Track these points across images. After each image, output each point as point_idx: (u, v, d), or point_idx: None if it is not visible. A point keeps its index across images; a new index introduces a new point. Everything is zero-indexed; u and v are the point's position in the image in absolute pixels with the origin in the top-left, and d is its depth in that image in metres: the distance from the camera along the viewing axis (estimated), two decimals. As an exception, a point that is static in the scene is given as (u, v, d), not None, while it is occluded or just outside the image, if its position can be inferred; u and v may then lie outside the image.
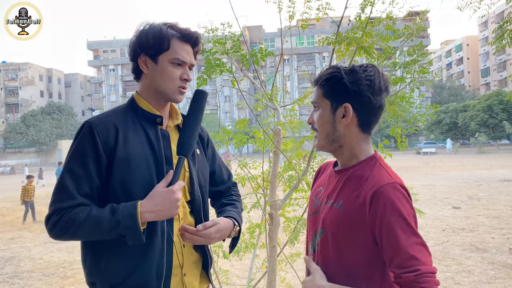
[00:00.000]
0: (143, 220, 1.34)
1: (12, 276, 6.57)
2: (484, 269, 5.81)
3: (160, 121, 1.53)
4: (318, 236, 1.33)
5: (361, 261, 1.22)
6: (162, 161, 1.47)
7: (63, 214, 1.34)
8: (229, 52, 2.51)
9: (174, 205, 1.36)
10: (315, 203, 1.42)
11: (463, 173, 20.70)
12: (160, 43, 1.46)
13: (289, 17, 2.82)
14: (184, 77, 1.51)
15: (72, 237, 1.38)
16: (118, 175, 1.40)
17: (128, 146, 1.43)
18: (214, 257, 3.39)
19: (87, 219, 1.32)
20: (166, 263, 1.44)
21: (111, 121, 1.45)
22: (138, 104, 1.54)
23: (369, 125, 1.30)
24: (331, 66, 1.35)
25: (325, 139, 1.32)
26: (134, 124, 1.49)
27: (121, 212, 1.32)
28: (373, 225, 1.18)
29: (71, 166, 1.39)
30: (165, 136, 1.53)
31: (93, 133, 1.40)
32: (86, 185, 1.38)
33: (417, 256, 1.12)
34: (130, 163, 1.41)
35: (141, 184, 1.41)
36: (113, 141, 1.41)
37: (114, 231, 1.33)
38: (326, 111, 1.30)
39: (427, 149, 45.21)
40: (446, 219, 9.53)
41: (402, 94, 3.00)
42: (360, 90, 1.24)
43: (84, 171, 1.38)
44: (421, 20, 3.00)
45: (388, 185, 1.18)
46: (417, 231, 1.16)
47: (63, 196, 1.36)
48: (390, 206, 1.15)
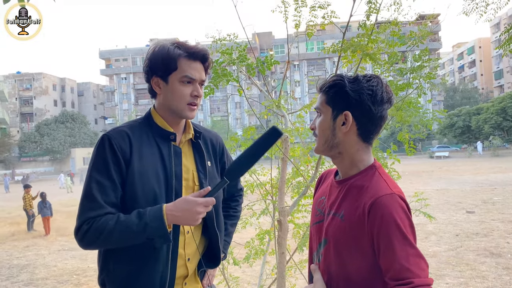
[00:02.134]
0: (168, 222, 1.39)
1: (27, 284, 6.67)
2: (498, 275, 5.73)
3: (173, 138, 1.59)
4: (322, 246, 1.35)
5: (363, 271, 1.23)
6: (172, 177, 1.53)
7: (93, 223, 1.40)
8: (235, 62, 2.55)
9: (195, 217, 1.40)
10: (318, 212, 1.44)
11: (477, 177, 20.42)
12: (168, 64, 1.53)
13: (295, 26, 2.85)
14: (194, 94, 1.57)
15: (102, 244, 1.45)
16: (129, 186, 1.47)
17: (142, 160, 1.50)
18: (224, 263, 3.41)
19: (116, 225, 1.39)
20: (169, 274, 1.50)
21: (127, 134, 1.52)
22: (154, 120, 1.61)
23: (369, 134, 1.31)
24: (335, 74, 1.37)
25: (324, 144, 1.34)
26: (149, 139, 1.56)
27: (148, 215, 1.39)
28: (371, 235, 1.19)
29: (96, 177, 1.45)
30: (177, 152, 1.59)
31: (112, 145, 1.47)
32: (112, 194, 1.45)
33: (412, 268, 1.12)
34: (142, 176, 1.48)
35: (149, 197, 1.47)
36: (128, 154, 1.49)
37: (143, 234, 1.39)
38: (327, 117, 1.32)
39: (440, 153, 44.69)
40: (459, 223, 9.42)
41: (410, 100, 3.01)
42: (361, 99, 1.26)
43: (109, 181, 1.45)
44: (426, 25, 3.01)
45: (386, 196, 1.19)
46: (414, 243, 1.16)
47: (91, 206, 1.43)
48: (387, 217, 1.16)
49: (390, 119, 3.04)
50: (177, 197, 1.51)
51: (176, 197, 1.51)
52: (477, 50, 77.75)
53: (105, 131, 1.57)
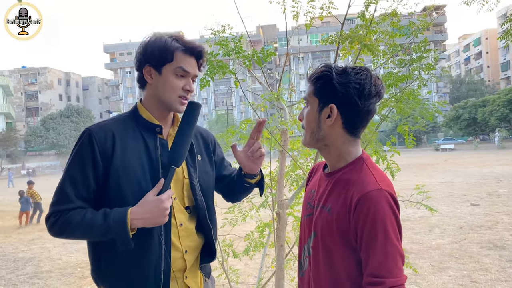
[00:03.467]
0: (132, 226, 1.39)
1: (32, 276, 6.74)
2: (502, 267, 5.70)
3: (159, 131, 1.58)
4: (312, 239, 1.34)
5: (349, 264, 1.23)
6: (158, 170, 1.52)
7: (60, 216, 1.43)
8: (231, 53, 2.54)
9: (163, 214, 1.41)
10: (308, 205, 1.43)
11: (483, 169, 20.30)
12: (164, 55, 1.52)
13: (293, 17, 2.83)
14: (186, 88, 1.56)
15: (68, 237, 1.48)
16: (114, 181, 1.46)
17: (126, 154, 1.49)
18: (224, 256, 3.42)
19: (81, 223, 1.40)
20: (163, 267, 1.49)
21: (110, 128, 1.52)
22: (140, 113, 1.60)
23: (355, 128, 1.29)
24: (324, 64, 1.34)
25: (310, 137, 1.33)
26: (134, 133, 1.55)
27: (112, 218, 1.39)
28: (355, 230, 1.18)
29: (70, 171, 1.47)
30: (164, 145, 1.58)
31: (92, 140, 1.47)
32: (84, 189, 1.45)
33: (389, 266, 1.13)
34: (127, 170, 1.47)
35: (136, 191, 1.47)
36: (110, 149, 1.48)
37: (106, 235, 1.41)
38: (314, 109, 1.31)
39: (446, 146, 44.49)
40: (464, 216, 9.37)
41: (410, 91, 2.98)
42: (347, 92, 1.24)
43: (81, 176, 1.45)
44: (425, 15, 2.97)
45: (373, 191, 1.18)
46: (395, 240, 1.16)
47: (61, 199, 1.45)
48: (373, 214, 1.15)
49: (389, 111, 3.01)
50: (164, 189, 1.50)
51: (164, 190, 1.50)
52: (484, 42, 76.96)
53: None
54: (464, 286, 5.09)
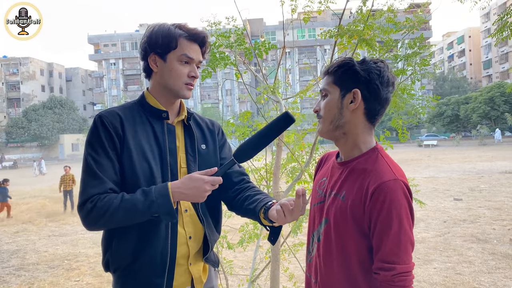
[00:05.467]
0: (174, 199, 1.41)
1: (18, 269, 6.66)
2: (484, 260, 5.88)
3: (166, 116, 1.60)
4: (323, 225, 1.38)
5: (362, 251, 1.28)
6: (166, 154, 1.55)
7: (98, 200, 1.40)
8: (233, 45, 2.55)
9: (201, 194, 1.41)
10: (319, 193, 1.46)
11: (465, 165, 20.73)
12: (168, 42, 1.53)
13: (292, 11, 2.85)
14: (191, 74, 1.58)
15: (106, 223, 1.43)
16: (127, 163, 1.48)
17: (135, 138, 1.52)
18: (219, 247, 3.45)
19: (121, 203, 1.39)
20: (170, 251, 1.51)
21: (118, 115, 1.54)
22: (147, 101, 1.62)
23: (375, 115, 1.35)
24: (342, 57, 1.40)
25: (329, 125, 1.36)
26: (142, 119, 1.57)
27: (154, 193, 1.40)
28: (369, 217, 1.23)
29: (93, 155, 1.46)
30: (171, 130, 1.60)
31: (105, 123, 1.49)
32: (111, 170, 1.46)
33: (400, 253, 1.19)
34: (138, 153, 1.50)
35: (147, 174, 1.49)
36: (120, 131, 1.50)
37: (149, 211, 1.39)
38: (335, 97, 1.34)
39: (429, 142, 45.20)
40: (447, 210, 9.59)
41: (403, 86, 3.04)
42: (370, 77, 1.30)
43: (106, 158, 1.46)
44: (422, 12, 3.03)
45: (390, 181, 1.23)
46: (408, 229, 1.22)
47: (94, 183, 1.42)
48: (389, 203, 1.20)
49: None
50: (171, 173, 1.54)
51: (171, 173, 1.54)
52: (467, 40, 78.17)
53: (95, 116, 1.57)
54: (449, 278, 5.23)
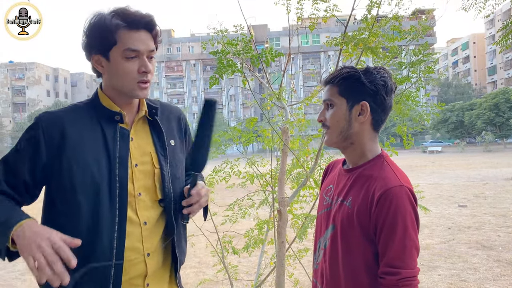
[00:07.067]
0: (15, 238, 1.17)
1: (24, 273, 6.69)
2: (490, 267, 5.85)
3: (119, 119, 1.40)
4: (329, 232, 1.40)
5: (368, 256, 1.30)
6: (115, 163, 1.34)
7: None
8: (240, 53, 2.59)
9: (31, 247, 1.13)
10: (326, 200, 1.49)
11: (469, 171, 20.64)
12: (106, 38, 1.31)
13: (298, 19, 2.88)
14: (142, 70, 1.35)
15: None
16: (66, 175, 1.31)
17: (81, 146, 1.33)
18: (224, 253, 3.46)
19: None
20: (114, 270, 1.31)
21: (64, 118, 1.35)
22: (100, 100, 1.42)
23: (380, 123, 1.38)
24: (345, 66, 1.42)
25: (338, 136, 1.38)
26: (92, 123, 1.37)
27: (2, 223, 1.21)
28: (375, 223, 1.26)
29: (8, 156, 1.35)
30: (124, 134, 1.39)
31: (38, 130, 1.32)
32: (13, 177, 1.32)
33: (405, 258, 1.22)
34: (79, 164, 1.31)
35: (88, 188, 1.30)
36: (59, 140, 1.32)
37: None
38: (342, 108, 1.36)
39: (433, 148, 45.12)
40: (452, 217, 9.55)
41: (408, 93, 3.06)
42: (377, 89, 1.32)
43: (15, 165, 1.32)
44: (426, 20, 3.06)
45: (395, 188, 1.25)
46: (413, 235, 1.24)
47: None
48: (394, 209, 1.22)
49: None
50: (121, 186, 1.34)
51: (120, 187, 1.33)
52: (471, 46, 78.13)
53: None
54: (453, 285, 5.21)
